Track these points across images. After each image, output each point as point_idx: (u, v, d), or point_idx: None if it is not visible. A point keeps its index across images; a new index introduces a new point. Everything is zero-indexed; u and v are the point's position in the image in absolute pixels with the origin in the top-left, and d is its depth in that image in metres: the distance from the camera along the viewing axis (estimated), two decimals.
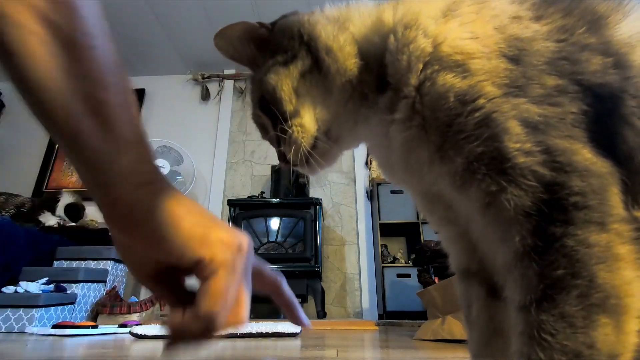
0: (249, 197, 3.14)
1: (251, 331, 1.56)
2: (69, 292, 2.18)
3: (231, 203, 2.88)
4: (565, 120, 0.34)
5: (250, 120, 0.57)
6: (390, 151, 0.44)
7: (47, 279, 2.14)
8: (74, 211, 2.89)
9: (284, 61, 0.48)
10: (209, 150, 3.54)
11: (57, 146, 3.57)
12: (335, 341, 1.49)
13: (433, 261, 2.17)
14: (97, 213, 3.10)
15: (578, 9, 0.39)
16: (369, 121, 0.47)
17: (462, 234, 0.45)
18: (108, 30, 0.30)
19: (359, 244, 3.18)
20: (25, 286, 2.04)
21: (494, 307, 0.45)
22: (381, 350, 1.30)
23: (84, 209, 2.96)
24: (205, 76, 3.76)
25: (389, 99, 0.42)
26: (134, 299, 2.41)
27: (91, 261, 2.48)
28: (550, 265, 0.31)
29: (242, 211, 2.83)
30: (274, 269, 0.39)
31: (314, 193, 3.25)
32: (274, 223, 2.79)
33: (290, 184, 2.90)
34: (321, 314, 2.52)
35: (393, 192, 2.95)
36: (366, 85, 0.45)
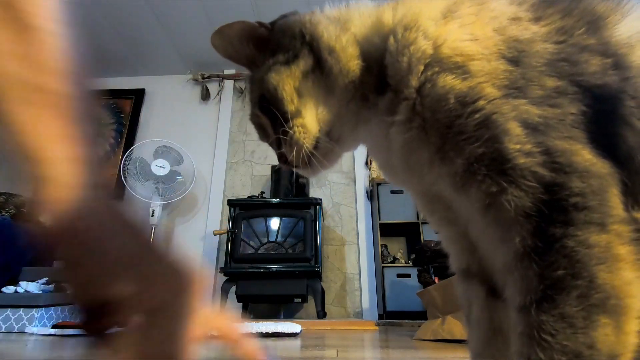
0: (249, 197, 3.13)
1: (251, 331, 1.57)
2: (69, 292, 2.17)
3: (231, 203, 2.88)
4: (564, 121, 0.34)
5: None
6: (391, 152, 0.44)
7: (47, 279, 2.14)
8: None
9: (285, 60, 0.47)
10: (209, 150, 3.54)
11: None
12: (335, 341, 1.49)
13: (433, 261, 2.17)
14: None
15: (577, 9, 0.39)
16: (369, 123, 0.47)
17: (462, 234, 0.45)
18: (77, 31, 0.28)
19: (359, 244, 3.17)
20: (25, 286, 2.04)
21: (494, 307, 0.45)
22: (381, 350, 1.30)
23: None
24: (205, 76, 3.75)
25: (389, 100, 0.42)
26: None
27: None
28: (551, 266, 0.31)
29: (242, 211, 2.83)
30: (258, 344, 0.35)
31: (314, 193, 3.25)
32: (274, 223, 2.79)
33: (290, 184, 2.90)
34: (321, 314, 2.52)
35: (393, 192, 2.94)
36: (367, 86, 0.45)
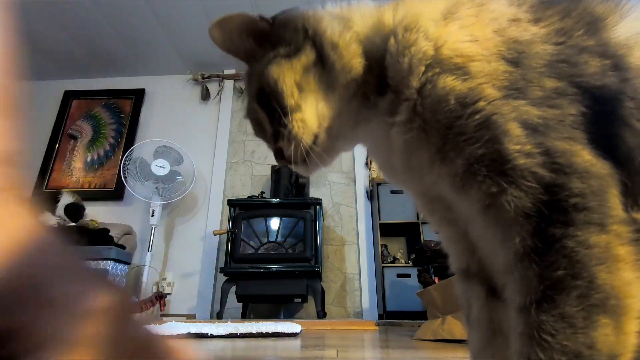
0: (249, 197, 3.14)
1: (251, 331, 1.57)
2: None
3: (231, 203, 2.88)
4: (564, 122, 0.34)
5: None
6: (391, 153, 0.44)
7: None
8: (73, 211, 2.89)
9: (286, 54, 0.47)
10: (209, 150, 3.54)
11: (57, 146, 3.58)
12: (335, 341, 1.49)
13: (433, 261, 2.17)
14: (97, 213, 3.11)
15: (576, 10, 0.39)
16: (369, 123, 0.47)
17: (462, 235, 0.45)
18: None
19: (359, 244, 3.18)
20: None
21: (494, 307, 0.45)
22: (381, 350, 1.30)
23: (84, 209, 2.96)
24: (205, 76, 3.75)
25: (390, 101, 0.42)
26: (134, 299, 2.41)
27: (91, 261, 2.48)
28: (551, 266, 0.31)
29: (242, 211, 2.83)
30: None
31: (314, 193, 3.25)
32: (274, 223, 2.79)
33: (290, 184, 2.90)
34: (321, 314, 2.52)
35: (393, 192, 2.95)
36: (368, 86, 0.45)
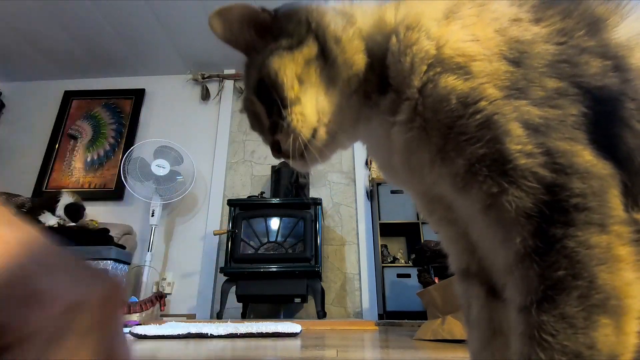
0: (249, 197, 3.14)
1: (251, 331, 1.57)
2: None
3: (231, 203, 2.88)
4: (565, 123, 0.34)
5: None
6: (392, 152, 0.44)
7: None
8: (73, 211, 2.89)
9: (288, 46, 0.46)
10: (209, 150, 3.54)
11: (57, 146, 3.57)
12: (335, 341, 1.49)
13: (433, 261, 2.17)
14: (97, 213, 3.11)
15: (577, 11, 0.39)
16: (370, 122, 0.47)
17: (462, 235, 0.45)
18: None
19: (359, 244, 3.18)
20: None
21: (493, 307, 0.45)
22: (381, 350, 1.30)
23: (84, 209, 2.96)
24: (205, 76, 3.75)
25: (391, 101, 0.42)
26: (134, 299, 2.41)
27: (91, 261, 2.47)
28: (551, 267, 0.31)
29: (242, 211, 2.84)
30: None
31: (314, 193, 3.25)
32: (274, 223, 2.79)
33: (290, 184, 2.90)
34: (321, 314, 2.52)
35: (393, 192, 2.95)
36: (369, 84, 0.45)
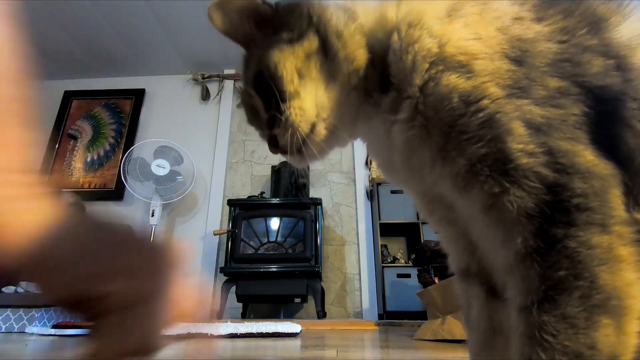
0: (249, 197, 3.13)
1: (251, 331, 1.57)
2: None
3: (231, 203, 2.88)
4: (567, 122, 0.34)
5: None
6: (392, 151, 0.44)
7: None
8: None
9: (289, 39, 0.46)
10: (209, 150, 3.53)
11: (57, 146, 3.57)
12: (335, 341, 1.49)
13: (433, 261, 2.17)
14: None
15: (578, 10, 0.39)
16: (370, 119, 0.46)
17: (462, 234, 0.45)
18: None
19: (359, 244, 3.17)
20: (26, 286, 2.04)
21: (493, 307, 0.45)
22: (381, 350, 1.30)
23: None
24: (205, 76, 3.75)
25: (392, 99, 0.42)
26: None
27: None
28: (552, 267, 0.31)
29: (242, 211, 2.83)
30: None
31: (314, 193, 3.25)
32: (274, 223, 2.79)
33: (290, 184, 2.89)
34: (321, 314, 2.52)
35: (393, 192, 2.94)
36: (370, 81, 0.45)
